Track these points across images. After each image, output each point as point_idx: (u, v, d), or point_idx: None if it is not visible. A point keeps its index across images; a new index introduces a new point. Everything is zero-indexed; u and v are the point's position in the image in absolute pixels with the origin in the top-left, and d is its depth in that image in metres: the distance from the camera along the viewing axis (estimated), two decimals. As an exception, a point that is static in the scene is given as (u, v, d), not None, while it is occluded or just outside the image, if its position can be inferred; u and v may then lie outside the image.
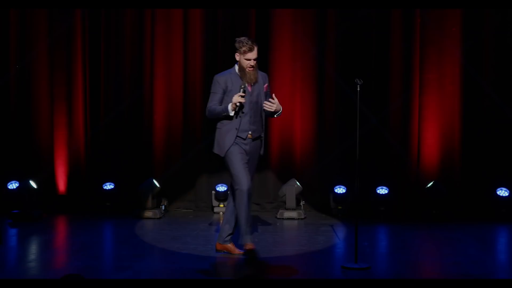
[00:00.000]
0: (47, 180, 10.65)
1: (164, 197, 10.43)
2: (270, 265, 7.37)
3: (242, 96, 7.39)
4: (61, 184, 10.76)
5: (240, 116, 7.48)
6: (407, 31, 10.37)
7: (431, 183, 10.13)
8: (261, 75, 7.70)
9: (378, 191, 10.21)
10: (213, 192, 10.51)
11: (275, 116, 7.66)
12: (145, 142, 10.74)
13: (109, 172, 10.74)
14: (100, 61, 10.78)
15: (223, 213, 8.17)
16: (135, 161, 10.76)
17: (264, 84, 7.65)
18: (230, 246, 7.73)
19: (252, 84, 7.55)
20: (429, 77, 10.37)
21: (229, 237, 7.75)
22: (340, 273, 7.05)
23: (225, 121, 7.54)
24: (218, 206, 10.48)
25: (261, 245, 8.23)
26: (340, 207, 10.31)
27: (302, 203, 10.22)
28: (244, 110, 7.49)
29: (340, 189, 10.28)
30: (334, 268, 7.30)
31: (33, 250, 8.32)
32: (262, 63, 10.49)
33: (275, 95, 7.58)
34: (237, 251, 7.68)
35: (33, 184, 10.13)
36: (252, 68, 7.51)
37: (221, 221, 8.02)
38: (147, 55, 10.70)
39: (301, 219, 10.02)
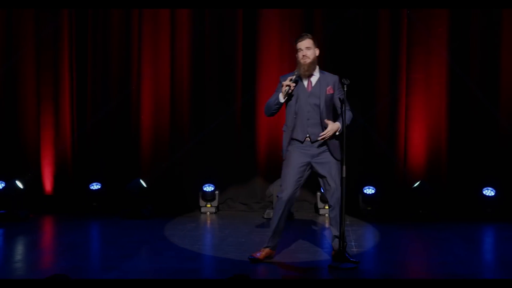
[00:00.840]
0: (34, 180, 10.62)
1: (150, 197, 10.41)
2: (258, 265, 7.36)
3: (292, 80, 7.14)
4: (48, 184, 10.74)
5: (295, 118, 7.30)
6: (394, 31, 10.41)
7: (418, 183, 10.16)
8: (328, 77, 7.40)
9: (365, 191, 10.23)
10: (200, 192, 10.50)
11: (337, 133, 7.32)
12: (132, 142, 10.73)
13: (96, 172, 10.72)
14: (87, 61, 10.76)
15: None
16: (122, 161, 10.75)
17: (327, 86, 7.33)
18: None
19: (304, 80, 7.30)
20: (416, 77, 10.41)
21: (335, 240, 7.46)
22: (327, 272, 7.06)
23: (287, 123, 7.38)
24: (205, 206, 10.47)
25: (249, 245, 8.24)
26: (327, 207, 10.32)
27: (289, 203, 10.21)
28: (302, 111, 7.30)
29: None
30: (322, 268, 7.31)
31: (20, 250, 8.28)
32: (249, 64, 10.56)
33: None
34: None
35: (19, 184, 10.09)
36: (306, 59, 7.24)
37: None
38: (134, 55, 10.69)
39: (288, 219, 10.01)
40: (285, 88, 7.19)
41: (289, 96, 7.29)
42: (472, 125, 10.40)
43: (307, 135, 7.33)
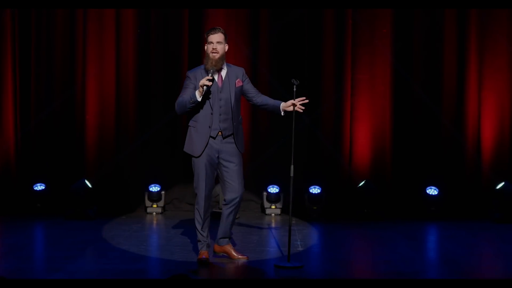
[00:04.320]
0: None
1: (95, 197, 10.33)
2: (202, 265, 7.35)
3: (210, 80, 7.04)
4: (-10, 185, 10.59)
5: (212, 114, 7.18)
6: (339, 31, 10.48)
7: (363, 182, 10.26)
8: (235, 69, 7.38)
9: (311, 191, 10.29)
10: (146, 192, 10.45)
11: (282, 114, 7.48)
12: (77, 142, 10.63)
13: (40, 172, 10.60)
14: (30, 61, 10.63)
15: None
16: (66, 162, 10.64)
17: (236, 79, 7.31)
18: (227, 247, 7.50)
19: (215, 75, 7.21)
20: (361, 77, 10.50)
21: (224, 239, 7.49)
22: (273, 272, 7.08)
23: (198, 119, 7.24)
24: (151, 206, 10.42)
25: (195, 245, 8.22)
26: (274, 206, 10.37)
27: (235, 203, 10.21)
28: (215, 107, 7.20)
29: (273, 189, 10.33)
30: (267, 268, 7.33)
31: (-39, 252, 8.17)
32: (195, 64, 10.53)
33: None
34: (235, 255, 7.46)
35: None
36: (216, 53, 7.19)
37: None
38: (79, 54, 10.59)
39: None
40: (204, 88, 7.08)
41: (205, 93, 7.18)
42: (415, 125, 10.53)
43: (220, 130, 7.26)
